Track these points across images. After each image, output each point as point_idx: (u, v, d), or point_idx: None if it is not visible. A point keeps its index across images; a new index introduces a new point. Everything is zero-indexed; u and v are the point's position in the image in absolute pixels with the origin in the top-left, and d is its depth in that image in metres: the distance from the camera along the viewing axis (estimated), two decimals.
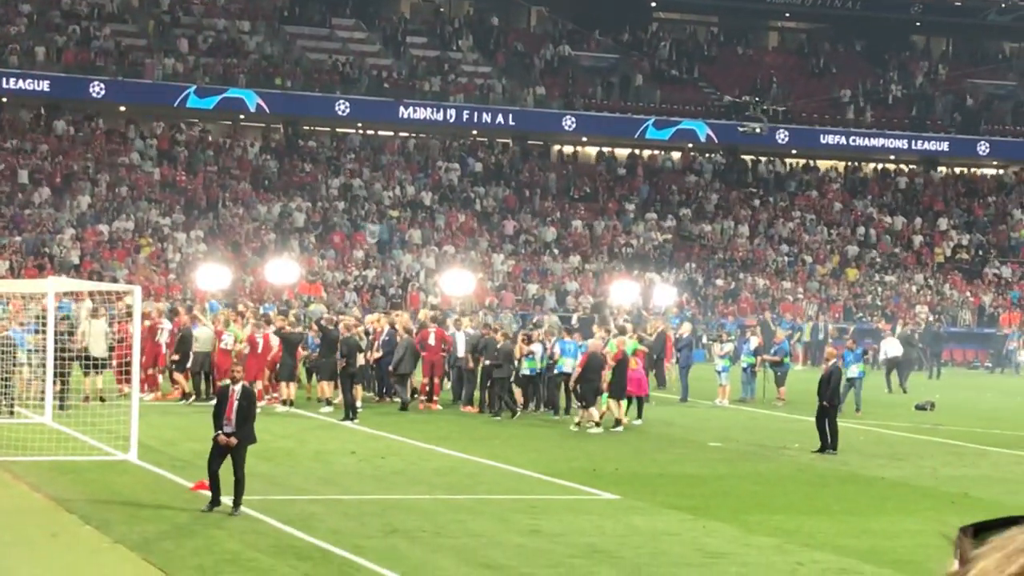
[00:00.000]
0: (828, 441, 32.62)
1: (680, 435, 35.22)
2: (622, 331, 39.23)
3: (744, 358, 45.82)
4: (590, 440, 33.78)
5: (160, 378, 40.33)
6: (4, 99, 71.91)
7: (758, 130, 79.01)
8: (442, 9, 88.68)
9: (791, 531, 22.73)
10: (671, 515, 23.87)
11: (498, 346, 38.43)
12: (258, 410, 30.31)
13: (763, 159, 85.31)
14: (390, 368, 39.07)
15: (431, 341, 39.82)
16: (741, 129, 79.02)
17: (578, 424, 35.80)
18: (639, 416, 37.56)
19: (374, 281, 66.90)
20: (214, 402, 23.87)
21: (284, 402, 37.61)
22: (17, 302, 39.49)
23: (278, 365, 38.06)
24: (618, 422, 35.66)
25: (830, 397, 32.81)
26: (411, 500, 24.38)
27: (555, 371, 38.58)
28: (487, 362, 38.49)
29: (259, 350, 37.72)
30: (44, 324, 33.92)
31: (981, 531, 1.88)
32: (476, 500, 24.65)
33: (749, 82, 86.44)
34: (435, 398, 39.99)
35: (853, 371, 42.64)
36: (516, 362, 38.67)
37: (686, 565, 19.88)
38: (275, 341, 38.08)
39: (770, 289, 73.63)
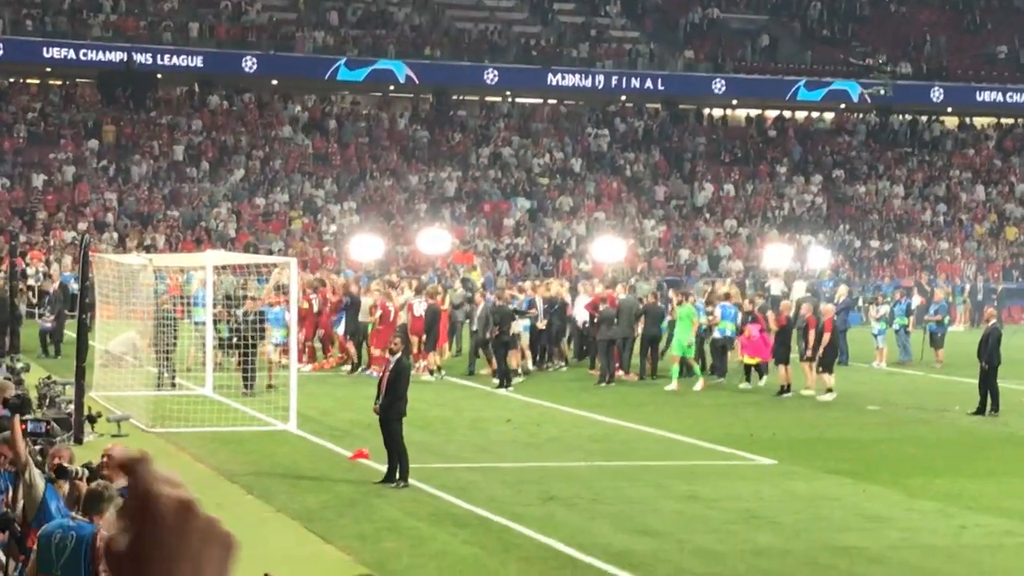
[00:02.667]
0: (988, 403, 32.14)
1: (838, 399, 34.83)
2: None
3: (897, 319, 45.18)
4: (746, 405, 33.56)
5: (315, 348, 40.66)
6: (159, 75, 72.95)
7: (883, 92, 78.03)
8: None
9: (954, 494, 22.42)
10: (830, 480, 23.65)
11: (601, 309, 38.21)
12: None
13: (918, 118, 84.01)
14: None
15: None
16: (867, 91, 78.20)
17: (828, 391, 35.08)
18: (760, 379, 37.14)
19: (525, 249, 66.98)
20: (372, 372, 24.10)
21: (432, 371, 37.66)
22: (175, 275, 40.01)
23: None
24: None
25: (988, 358, 32.29)
26: (567, 467, 24.39)
27: (716, 335, 38.27)
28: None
29: (391, 319, 37.58)
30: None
31: None
32: (632, 467, 24.61)
33: (902, 40, 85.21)
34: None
35: None
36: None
37: (847, 530, 19.69)
38: (419, 310, 38.08)
39: (927, 250, 72.60)
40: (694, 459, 25.70)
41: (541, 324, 39.90)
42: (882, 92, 78.27)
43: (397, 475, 22.06)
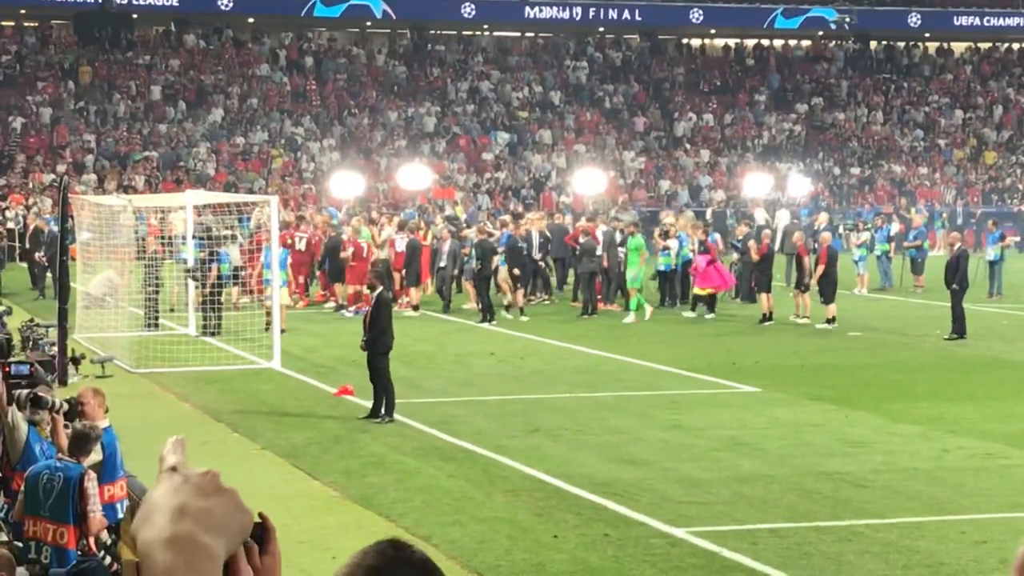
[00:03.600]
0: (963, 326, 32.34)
1: (819, 325, 34.91)
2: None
3: (879, 246, 45.35)
4: (729, 334, 33.67)
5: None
6: (135, 16, 72.53)
7: (848, 19, 78.20)
8: None
9: (935, 418, 22.56)
10: (813, 406, 23.78)
11: (581, 241, 38.19)
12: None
13: (895, 44, 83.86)
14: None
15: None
16: (832, 19, 78.39)
17: (829, 321, 34.98)
18: (712, 310, 37.15)
19: (506, 183, 66.92)
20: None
21: (415, 307, 37.66)
22: (154, 215, 39.84)
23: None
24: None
25: (959, 281, 32.43)
26: (552, 399, 24.49)
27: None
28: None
29: (363, 255, 37.45)
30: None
31: None
32: (617, 397, 24.72)
33: None
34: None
35: (990, 254, 42.10)
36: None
37: (830, 455, 19.82)
38: (401, 246, 38.12)
39: (907, 175, 72.68)
40: (678, 388, 25.81)
41: (536, 256, 40.07)
42: (848, 20, 78.39)
43: (383, 410, 22.15)
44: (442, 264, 38.59)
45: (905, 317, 37.40)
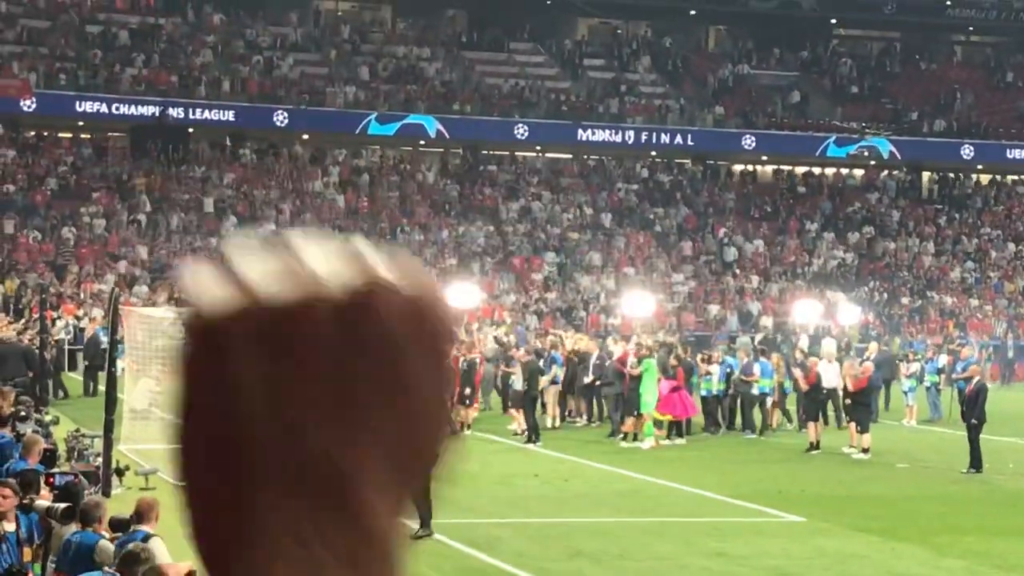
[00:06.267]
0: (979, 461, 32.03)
1: (867, 456, 34.66)
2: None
3: (928, 377, 45.07)
4: (775, 462, 33.45)
5: None
6: (191, 129, 73.32)
7: (867, 154, 78.99)
8: (619, 31, 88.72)
9: (982, 553, 22.29)
10: (859, 537, 23.54)
11: (606, 364, 38.04)
12: None
13: (948, 175, 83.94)
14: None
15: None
16: (854, 152, 79.03)
17: (852, 447, 34.97)
18: (681, 436, 36.89)
19: (555, 304, 66.96)
20: None
21: (467, 426, 37.64)
22: None
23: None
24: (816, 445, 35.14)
25: (977, 415, 32.16)
26: (595, 523, 24.33)
27: (755, 391, 38.30)
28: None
29: None
30: None
31: None
32: (660, 522, 24.54)
33: (933, 97, 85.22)
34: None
35: None
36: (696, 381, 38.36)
37: None
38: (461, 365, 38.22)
39: (957, 307, 72.39)
40: (722, 515, 25.61)
41: (588, 379, 39.60)
42: (866, 154, 79.27)
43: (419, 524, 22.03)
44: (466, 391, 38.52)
45: (953, 449, 36.98)
